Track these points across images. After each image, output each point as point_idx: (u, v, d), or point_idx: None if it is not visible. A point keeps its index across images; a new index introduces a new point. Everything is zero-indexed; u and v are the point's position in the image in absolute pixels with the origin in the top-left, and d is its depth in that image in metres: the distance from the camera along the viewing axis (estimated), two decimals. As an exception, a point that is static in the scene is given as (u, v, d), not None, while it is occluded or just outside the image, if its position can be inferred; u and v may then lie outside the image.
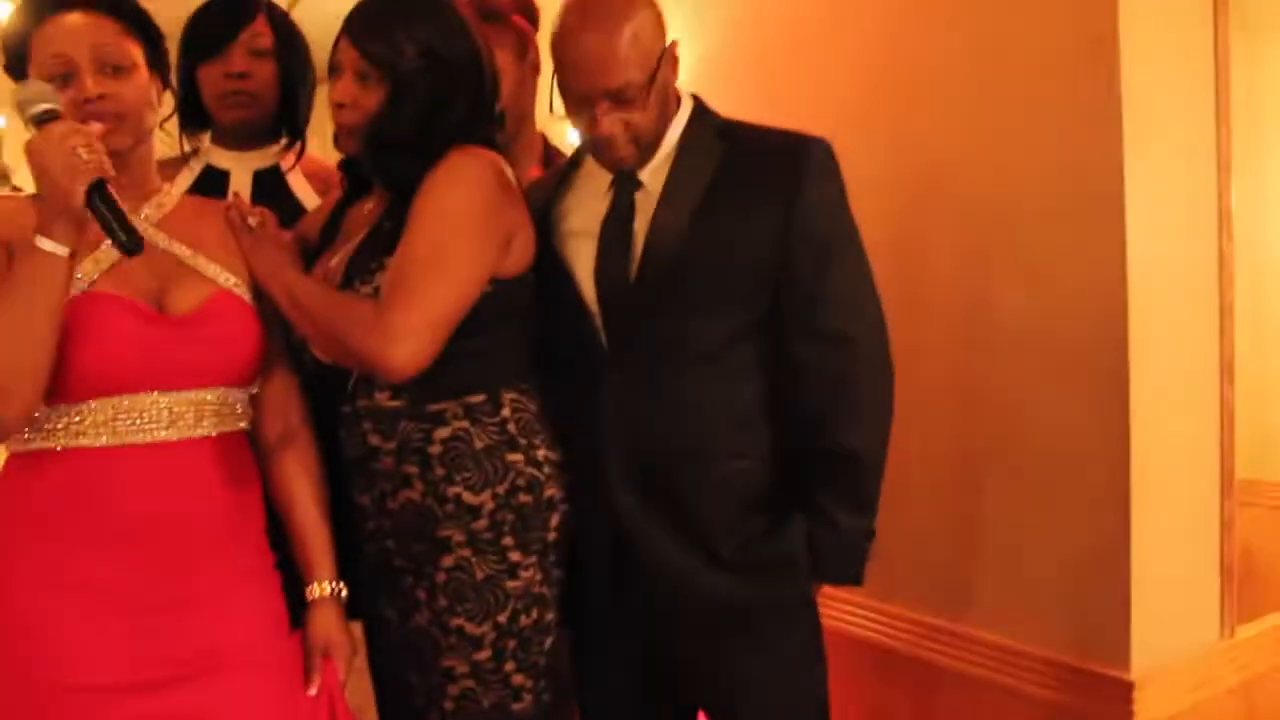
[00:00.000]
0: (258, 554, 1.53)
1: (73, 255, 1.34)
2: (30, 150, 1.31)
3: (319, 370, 1.59)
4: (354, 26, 1.55)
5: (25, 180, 1.44)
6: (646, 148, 1.63)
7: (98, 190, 1.31)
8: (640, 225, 1.63)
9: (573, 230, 1.69)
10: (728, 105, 1.74)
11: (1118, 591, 1.84)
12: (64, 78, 1.42)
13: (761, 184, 1.61)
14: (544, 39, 1.95)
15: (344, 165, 1.68)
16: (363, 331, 1.44)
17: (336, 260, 1.60)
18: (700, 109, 1.69)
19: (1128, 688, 1.81)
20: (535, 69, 2.03)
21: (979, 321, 2.03)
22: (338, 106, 1.57)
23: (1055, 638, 1.93)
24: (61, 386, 1.37)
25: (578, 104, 1.59)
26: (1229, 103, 1.94)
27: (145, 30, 1.52)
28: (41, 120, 1.33)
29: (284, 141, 1.96)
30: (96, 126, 1.38)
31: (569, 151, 1.91)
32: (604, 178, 1.67)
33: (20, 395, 1.33)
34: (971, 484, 2.07)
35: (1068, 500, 1.91)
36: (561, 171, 1.78)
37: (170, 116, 1.79)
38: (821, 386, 1.62)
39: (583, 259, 1.66)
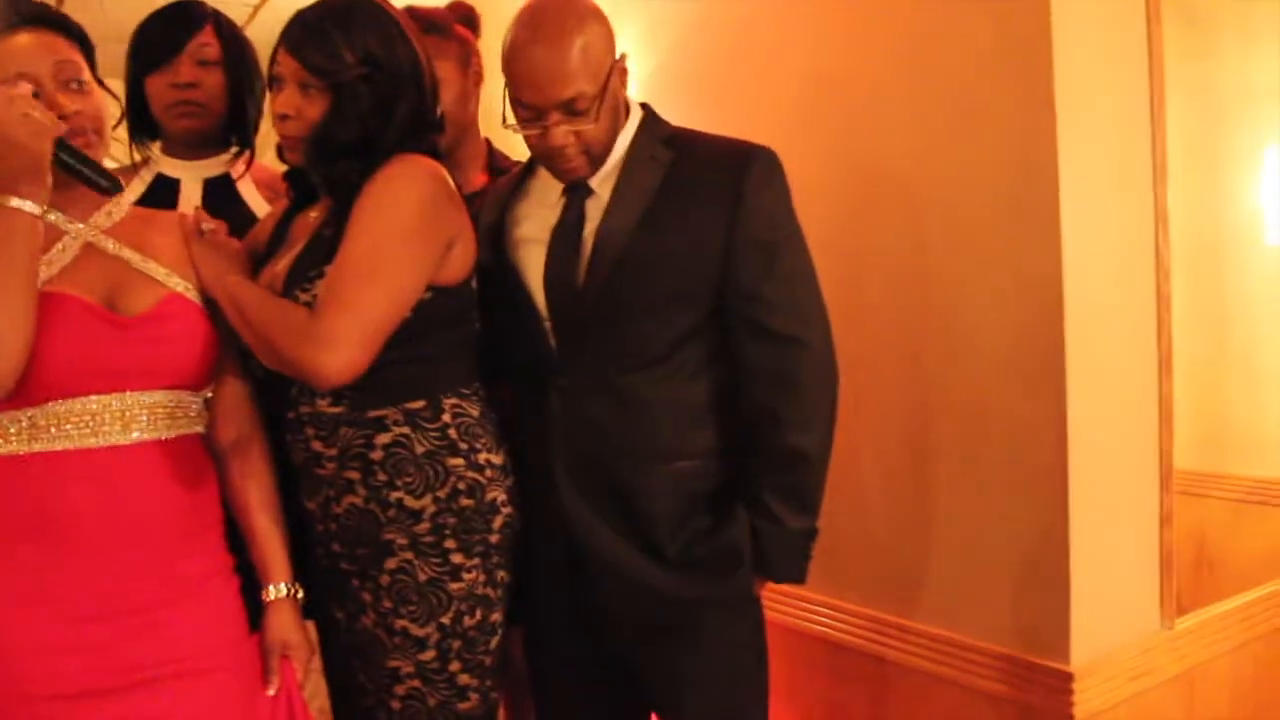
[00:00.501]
0: (215, 556, 1.53)
1: (43, 214, 1.34)
2: None
3: (265, 377, 1.59)
4: (292, 37, 1.54)
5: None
6: (597, 158, 1.64)
7: (62, 147, 1.33)
8: (590, 232, 1.64)
9: (524, 237, 1.71)
10: (679, 115, 1.77)
11: (1058, 584, 1.86)
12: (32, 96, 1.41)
13: (707, 190, 1.63)
14: (486, 47, 1.98)
15: (289, 176, 1.69)
16: (295, 338, 1.44)
17: (280, 267, 1.60)
18: (649, 118, 1.71)
19: (1067, 679, 1.83)
20: (479, 78, 2.04)
21: (921, 321, 2.06)
22: (280, 118, 1.56)
23: (999, 630, 1.95)
24: (16, 388, 1.36)
25: (529, 116, 1.60)
26: (1163, 104, 1.97)
27: (85, 44, 1.53)
28: None
29: (234, 150, 1.97)
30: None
31: (519, 158, 1.93)
32: (557, 185, 1.68)
33: (11, 351, 1.32)
34: (918, 482, 2.09)
35: (1010, 495, 1.93)
36: (517, 178, 1.79)
37: (119, 125, 1.81)
38: (769, 387, 1.64)
39: (533, 265, 1.68)
